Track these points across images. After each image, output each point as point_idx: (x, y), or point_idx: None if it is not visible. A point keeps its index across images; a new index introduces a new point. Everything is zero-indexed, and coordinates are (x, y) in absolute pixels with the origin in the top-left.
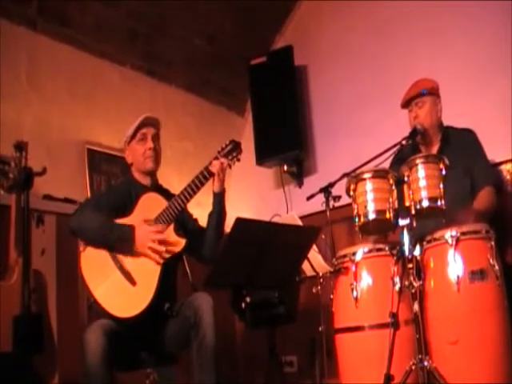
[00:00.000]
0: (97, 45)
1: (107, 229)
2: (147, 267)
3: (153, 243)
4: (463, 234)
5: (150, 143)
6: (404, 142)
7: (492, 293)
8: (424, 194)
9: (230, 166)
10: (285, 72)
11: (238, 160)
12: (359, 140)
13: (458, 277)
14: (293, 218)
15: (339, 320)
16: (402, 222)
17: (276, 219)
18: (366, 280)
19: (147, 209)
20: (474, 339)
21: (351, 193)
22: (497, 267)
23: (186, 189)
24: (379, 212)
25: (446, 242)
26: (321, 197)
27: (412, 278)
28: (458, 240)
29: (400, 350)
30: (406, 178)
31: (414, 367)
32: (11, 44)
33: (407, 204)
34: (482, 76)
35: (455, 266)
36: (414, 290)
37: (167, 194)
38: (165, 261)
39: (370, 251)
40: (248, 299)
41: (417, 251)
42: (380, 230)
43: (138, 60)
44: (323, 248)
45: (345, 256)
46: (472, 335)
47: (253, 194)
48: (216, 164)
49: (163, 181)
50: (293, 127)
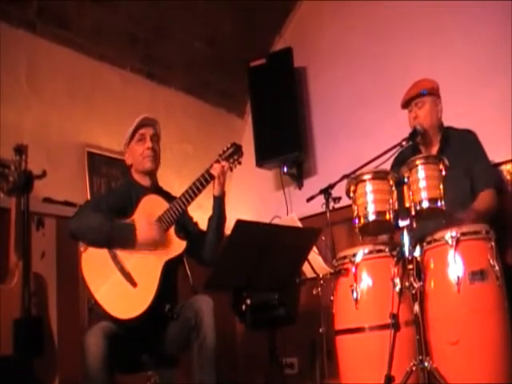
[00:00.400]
0: (96, 48)
1: (107, 226)
2: (148, 268)
3: (156, 237)
4: (463, 234)
5: (148, 143)
6: (404, 143)
7: (492, 293)
8: (424, 194)
9: (231, 169)
10: (284, 74)
11: (239, 163)
12: (359, 141)
13: (458, 277)
14: (293, 219)
15: (339, 321)
16: (402, 223)
17: (276, 221)
18: (366, 281)
19: (148, 211)
20: (475, 340)
21: (351, 194)
22: (497, 268)
23: (187, 191)
24: (379, 213)
25: (446, 242)
26: (321, 198)
27: (412, 279)
28: (458, 241)
29: (400, 350)
30: (405, 179)
31: (414, 368)
32: (11, 47)
33: (407, 205)
34: (482, 76)
35: (455, 267)
36: (414, 291)
37: (167, 196)
38: (166, 262)
39: (370, 252)
40: (248, 301)
41: (417, 252)
42: (380, 231)
43: (137, 63)
44: (323, 249)
45: (345, 257)
46: (472, 336)
47: (253, 196)
48: (217, 167)
49: (163, 183)
50: (292, 129)
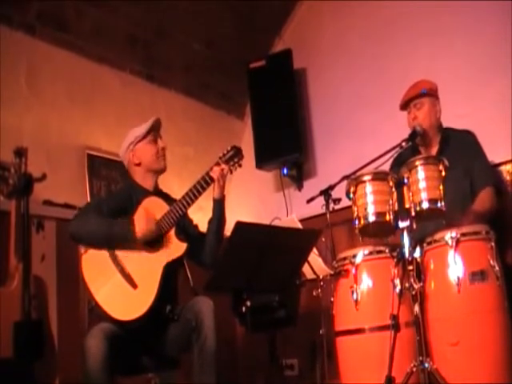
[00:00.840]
0: (96, 50)
1: (106, 225)
2: (148, 270)
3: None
4: (463, 235)
5: (162, 143)
6: (403, 144)
7: (492, 294)
8: (424, 195)
9: (231, 172)
10: (284, 75)
11: (240, 166)
12: (359, 142)
13: (458, 278)
14: (293, 221)
15: (340, 323)
16: (402, 224)
17: (276, 222)
18: (366, 282)
19: (148, 213)
20: (475, 340)
21: (351, 195)
22: (497, 268)
23: (187, 194)
24: (379, 214)
25: (446, 243)
26: (321, 199)
27: (412, 280)
28: (458, 241)
29: (401, 352)
30: (405, 180)
31: (414, 369)
32: (10, 49)
33: (407, 206)
34: (482, 76)
35: (455, 268)
36: (414, 292)
37: (168, 199)
38: (166, 264)
39: (371, 253)
40: (248, 303)
41: (417, 253)
42: (380, 232)
43: (137, 65)
44: (323, 251)
45: (345, 258)
46: (473, 336)
47: (253, 198)
48: (216, 170)
49: (163, 185)
50: (292, 130)
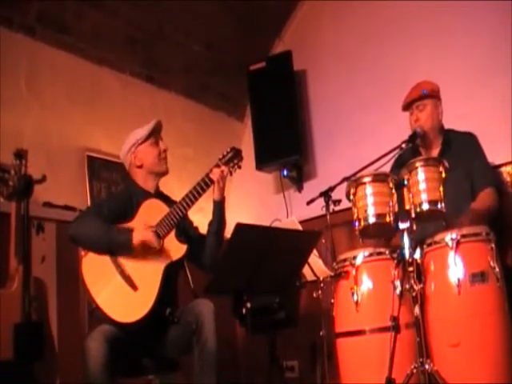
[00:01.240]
0: (96, 51)
1: (105, 232)
2: (148, 272)
3: (150, 239)
4: (463, 236)
5: (163, 145)
6: (404, 145)
7: (493, 295)
8: (424, 197)
9: (231, 173)
10: (284, 77)
11: (239, 167)
12: (359, 144)
13: (458, 279)
14: (293, 222)
15: (340, 324)
16: (403, 226)
17: (276, 224)
18: (366, 284)
19: (148, 215)
20: (475, 342)
21: (351, 197)
22: (497, 269)
23: (187, 195)
24: (379, 216)
25: (447, 244)
26: (321, 201)
27: (412, 282)
28: (458, 243)
29: (401, 353)
30: (405, 182)
31: (415, 370)
32: (10, 51)
33: (407, 207)
34: (482, 77)
35: (456, 269)
36: (414, 294)
37: (168, 201)
38: (166, 266)
39: (371, 255)
40: (248, 305)
41: (417, 254)
42: (380, 233)
43: (137, 66)
44: (324, 252)
45: (345, 260)
46: (473, 338)
47: (253, 199)
48: (216, 172)
49: (163, 187)
50: (292, 132)
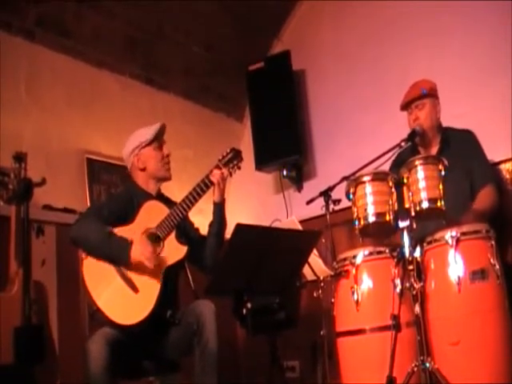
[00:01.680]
0: (95, 54)
1: (105, 242)
2: (149, 274)
3: (148, 261)
4: (463, 234)
5: (166, 150)
6: (403, 144)
7: (493, 292)
8: (424, 195)
9: (231, 175)
10: (283, 77)
11: (239, 168)
12: (358, 143)
13: (458, 277)
14: (293, 222)
15: (340, 324)
16: (402, 224)
17: (276, 224)
18: (366, 283)
19: (149, 216)
20: (476, 339)
21: (351, 196)
22: (497, 267)
23: (187, 197)
24: (379, 215)
25: (447, 242)
26: (320, 201)
27: (413, 280)
28: (458, 240)
29: (402, 352)
30: (405, 180)
31: (415, 369)
32: (9, 55)
33: (407, 206)
34: (482, 76)
35: (456, 267)
36: (414, 292)
37: (169, 202)
38: (167, 268)
39: (371, 254)
40: (249, 305)
41: (417, 253)
42: (380, 232)
43: (136, 68)
44: (324, 252)
45: (345, 259)
46: (473, 335)
47: (252, 200)
48: (216, 174)
49: (163, 188)
50: (291, 132)
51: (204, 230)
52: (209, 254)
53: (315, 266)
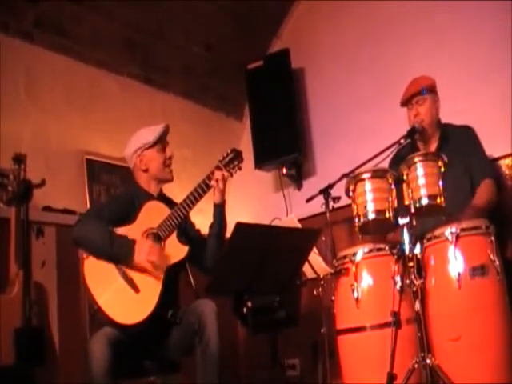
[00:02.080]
0: (94, 54)
1: (107, 242)
2: (150, 274)
3: (152, 259)
4: (463, 230)
5: (169, 152)
6: (402, 141)
7: (493, 288)
8: (423, 191)
9: (232, 175)
10: (282, 75)
11: (240, 169)
12: (357, 141)
13: (458, 273)
14: (292, 220)
15: (341, 321)
16: (402, 221)
17: (276, 222)
18: (366, 280)
19: (150, 217)
20: (476, 335)
21: (350, 193)
22: (497, 262)
23: (188, 197)
24: (379, 212)
25: (446, 239)
26: (320, 198)
27: (413, 277)
28: (457, 237)
29: (402, 348)
30: (404, 177)
31: (416, 365)
32: (8, 56)
33: (407, 202)
34: (481, 72)
35: (456, 263)
36: (415, 289)
37: (170, 203)
38: (168, 267)
39: (371, 251)
40: (249, 304)
41: (417, 249)
42: (380, 229)
43: (135, 68)
44: (323, 250)
45: (345, 257)
46: (474, 331)
47: (252, 198)
48: (217, 174)
49: (164, 188)
50: (291, 130)
51: (204, 229)
52: (209, 255)
53: (315, 264)
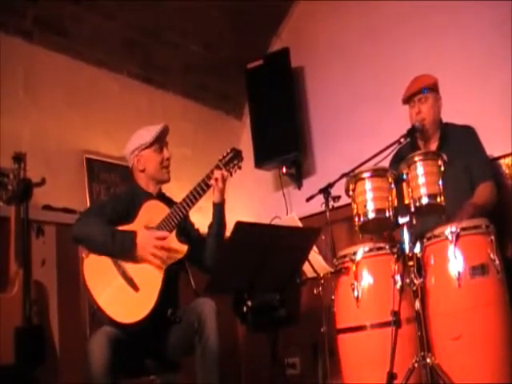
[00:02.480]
0: (93, 54)
1: (109, 236)
2: (149, 273)
3: (154, 249)
4: (463, 229)
5: (167, 153)
6: (402, 140)
7: (493, 287)
8: (423, 191)
9: (231, 174)
10: (282, 74)
11: (239, 168)
12: (357, 140)
13: (458, 273)
14: (293, 219)
15: (341, 320)
16: (402, 220)
17: (276, 221)
18: (366, 279)
19: (149, 216)
20: (476, 334)
21: (350, 192)
22: (497, 261)
23: (187, 196)
24: (379, 211)
25: (446, 238)
26: (320, 198)
27: (413, 276)
28: (457, 236)
29: (402, 348)
30: (404, 176)
31: (416, 365)
32: (8, 56)
33: (407, 202)
34: (482, 71)
35: (456, 262)
36: (415, 288)
37: (169, 202)
38: (167, 266)
39: (371, 250)
40: (249, 303)
41: (417, 248)
42: (380, 228)
43: (134, 67)
44: (323, 249)
45: (345, 256)
46: (474, 330)
47: (252, 197)
48: (216, 174)
49: (163, 187)
50: (291, 129)
51: (204, 228)
52: (209, 254)
53: (315, 263)
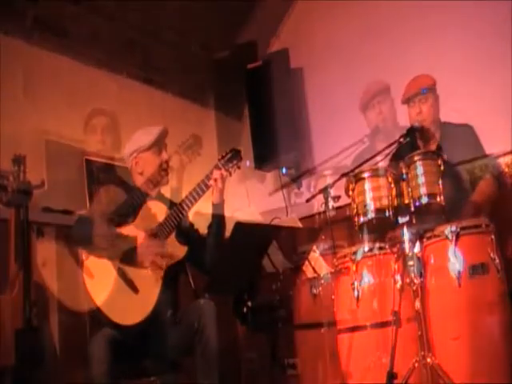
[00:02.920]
0: (93, 55)
1: (109, 240)
2: (149, 274)
3: (155, 257)
4: (463, 228)
5: (166, 155)
6: (402, 140)
7: (493, 286)
8: (423, 190)
9: (231, 174)
10: (281, 75)
11: (239, 168)
12: (357, 140)
13: (458, 272)
14: (293, 220)
15: (341, 320)
16: (402, 220)
17: (276, 222)
18: (366, 279)
19: (149, 217)
20: (477, 334)
21: (350, 192)
22: (497, 260)
23: (187, 197)
24: (379, 210)
25: (446, 237)
26: (320, 198)
27: (413, 275)
28: (457, 235)
29: (403, 347)
30: (404, 176)
31: (416, 364)
32: (7, 57)
33: (406, 201)
34: (481, 70)
35: (456, 262)
36: (415, 287)
37: (169, 203)
38: (167, 267)
39: (371, 250)
40: (249, 303)
41: (417, 248)
42: (380, 228)
43: (134, 68)
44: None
45: (345, 256)
46: (474, 330)
47: (252, 198)
48: (216, 174)
49: (162, 188)
50: (290, 129)
51: (203, 229)
52: (208, 254)
53: (315, 262)
